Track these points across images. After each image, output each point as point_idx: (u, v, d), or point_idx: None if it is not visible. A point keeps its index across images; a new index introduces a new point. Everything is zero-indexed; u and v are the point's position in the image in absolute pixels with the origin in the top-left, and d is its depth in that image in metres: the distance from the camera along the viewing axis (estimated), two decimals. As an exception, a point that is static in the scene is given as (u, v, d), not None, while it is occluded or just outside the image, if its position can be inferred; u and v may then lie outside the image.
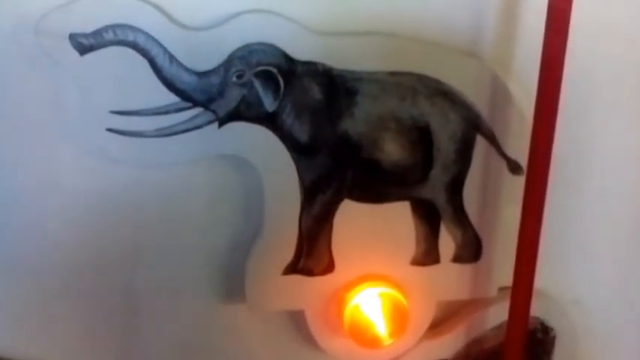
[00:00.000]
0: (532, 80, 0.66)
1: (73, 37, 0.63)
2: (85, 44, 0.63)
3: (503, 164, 0.74)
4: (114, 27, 0.63)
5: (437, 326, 0.82)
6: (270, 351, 0.82)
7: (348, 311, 0.74)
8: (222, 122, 0.68)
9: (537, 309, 0.78)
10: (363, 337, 0.75)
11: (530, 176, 0.69)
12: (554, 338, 0.85)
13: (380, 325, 0.74)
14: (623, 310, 0.87)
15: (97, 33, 0.63)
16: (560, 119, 0.66)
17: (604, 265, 0.85)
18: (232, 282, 0.76)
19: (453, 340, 0.82)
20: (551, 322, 0.84)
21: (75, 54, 0.63)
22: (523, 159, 0.70)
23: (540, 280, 0.73)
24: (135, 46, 0.64)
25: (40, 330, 0.78)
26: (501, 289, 0.79)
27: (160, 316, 0.79)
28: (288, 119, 0.69)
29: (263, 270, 0.74)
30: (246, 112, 0.68)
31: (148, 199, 0.74)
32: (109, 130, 0.66)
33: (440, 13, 0.70)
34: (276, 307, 0.77)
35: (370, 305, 0.74)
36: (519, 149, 0.72)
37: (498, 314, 0.79)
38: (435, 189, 0.74)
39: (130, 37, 0.63)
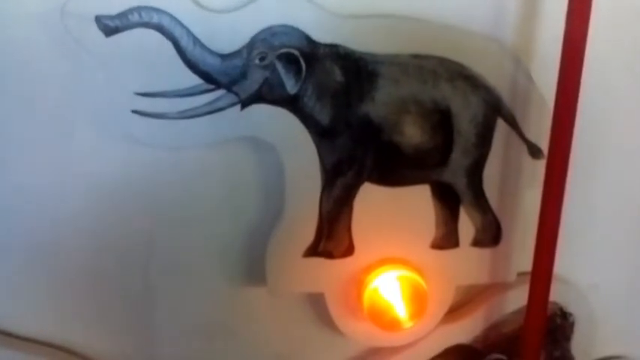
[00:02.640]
0: (553, 64, 0.66)
1: (98, 19, 0.63)
2: (110, 26, 0.63)
3: (524, 148, 0.74)
4: (139, 9, 0.63)
5: (456, 310, 0.82)
6: (290, 333, 0.82)
7: (368, 294, 0.75)
8: (244, 104, 0.68)
9: (556, 294, 0.78)
10: (382, 319, 0.75)
11: (550, 160, 0.68)
12: (573, 323, 0.84)
13: (399, 308, 0.74)
14: (643, 296, 0.87)
15: (123, 15, 0.63)
16: (581, 103, 0.66)
17: (623, 251, 0.85)
18: (253, 264, 0.77)
19: (472, 324, 0.83)
20: (570, 307, 0.84)
21: (100, 36, 0.64)
22: (544, 143, 0.70)
23: (560, 266, 0.73)
24: (159, 28, 0.64)
25: (57, 312, 0.78)
26: (520, 273, 0.79)
27: (179, 298, 0.79)
28: (309, 102, 0.69)
29: (283, 252, 0.74)
30: (268, 94, 0.68)
31: (168, 182, 0.74)
32: (134, 111, 0.66)
33: (462, -3, 0.70)
34: (296, 289, 0.78)
35: (390, 288, 0.74)
36: (540, 133, 0.72)
37: (517, 299, 0.79)
38: (455, 172, 0.74)
39: (155, 19, 0.64)
